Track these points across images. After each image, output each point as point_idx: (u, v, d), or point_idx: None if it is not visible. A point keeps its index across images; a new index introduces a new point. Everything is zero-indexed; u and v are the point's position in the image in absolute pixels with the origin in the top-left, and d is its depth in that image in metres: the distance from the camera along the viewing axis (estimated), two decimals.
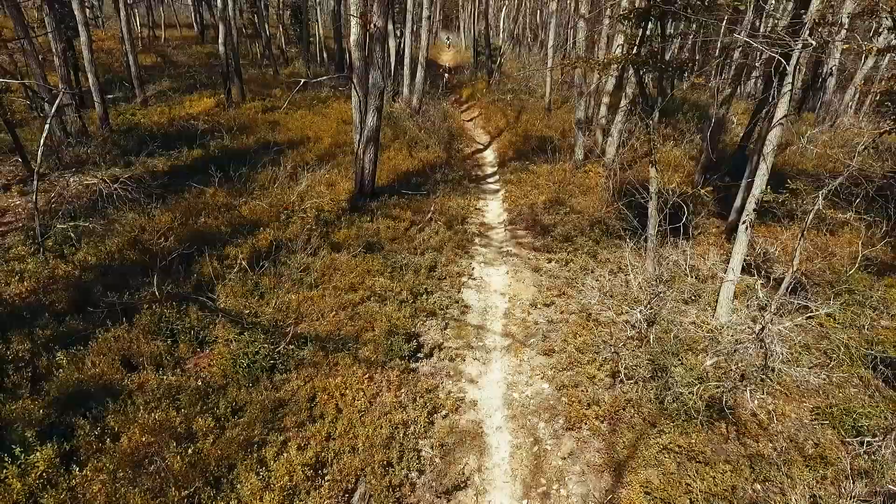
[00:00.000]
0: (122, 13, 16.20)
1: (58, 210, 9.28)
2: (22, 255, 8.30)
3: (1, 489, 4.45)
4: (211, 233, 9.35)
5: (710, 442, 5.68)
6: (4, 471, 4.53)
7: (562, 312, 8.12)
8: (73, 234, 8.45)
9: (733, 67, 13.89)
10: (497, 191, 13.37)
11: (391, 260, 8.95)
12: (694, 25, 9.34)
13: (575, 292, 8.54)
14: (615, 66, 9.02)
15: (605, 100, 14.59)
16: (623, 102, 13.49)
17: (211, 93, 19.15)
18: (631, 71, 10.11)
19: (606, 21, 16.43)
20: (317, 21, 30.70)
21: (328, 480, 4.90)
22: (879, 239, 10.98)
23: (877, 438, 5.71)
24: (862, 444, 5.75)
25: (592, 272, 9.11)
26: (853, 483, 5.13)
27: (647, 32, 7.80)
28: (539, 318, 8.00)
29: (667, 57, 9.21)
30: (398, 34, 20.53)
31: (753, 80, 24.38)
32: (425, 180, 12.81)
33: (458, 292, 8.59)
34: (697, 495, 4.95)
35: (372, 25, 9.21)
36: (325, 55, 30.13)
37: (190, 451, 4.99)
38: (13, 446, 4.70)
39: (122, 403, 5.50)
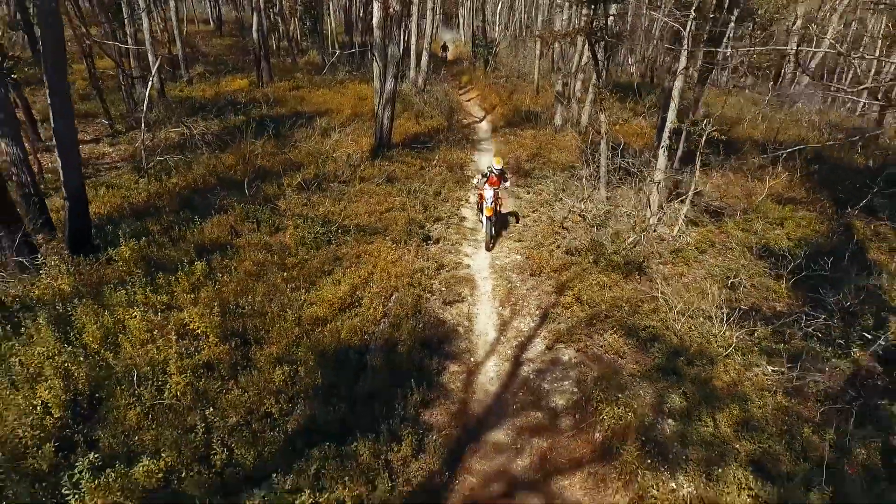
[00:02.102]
0: (173, 4, 19.01)
1: (153, 150, 12.12)
2: (132, 180, 11.14)
3: (176, 285, 7.25)
4: (266, 169, 12.18)
5: (624, 282, 8.50)
6: (178, 273, 7.35)
7: (534, 221, 10.94)
8: (171, 163, 11.28)
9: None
10: (489, 149, 16.18)
11: (407, 187, 11.78)
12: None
13: (545, 210, 11.37)
14: (572, 36, 11.80)
15: (581, 76, 17.42)
16: (594, 79, 16.31)
17: (242, 75, 22.03)
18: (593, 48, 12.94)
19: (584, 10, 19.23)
20: (329, 15, 33.49)
21: (374, 287, 7.73)
22: (794, 182, 13.90)
23: (737, 278, 8.54)
24: (727, 282, 8.58)
25: (560, 199, 11.93)
26: (713, 298, 7.96)
27: (596, 12, 10.61)
28: (517, 224, 10.83)
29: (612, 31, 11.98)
30: (405, 25, 23.37)
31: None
32: (430, 140, 15.62)
33: (457, 210, 11.42)
34: (608, 298, 7.76)
35: (391, 9, 12.03)
36: (336, 47, 32.94)
37: (285, 274, 7.82)
38: (181, 261, 7.52)
39: (235, 252, 8.33)
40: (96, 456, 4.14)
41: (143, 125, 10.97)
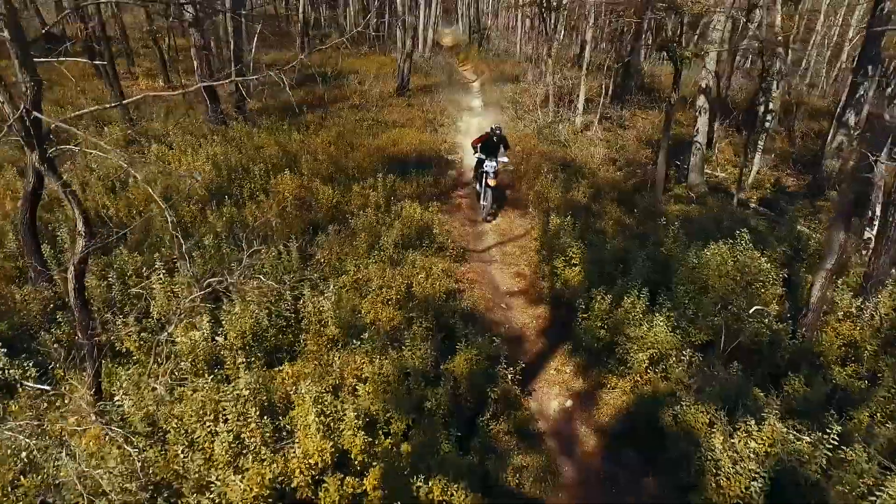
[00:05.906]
0: None
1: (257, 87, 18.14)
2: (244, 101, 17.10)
3: (302, 134, 13.18)
4: (326, 98, 18.15)
5: (553, 148, 14.47)
6: (294, 134, 13.29)
7: (505, 124, 16.93)
8: (266, 89, 17.26)
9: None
10: (479, 97, 22.21)
11: (421, 108, 17.78)
12: None
13: (513, 123, 17.40)
14: (528, 5, 17.78)
15: (547, 45, 23.39)
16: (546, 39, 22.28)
17: (285, 50, 28.04)
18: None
19: None
20: (349, 5, 39.55)
21: (408, 139, 13.70)
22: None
23: (619, 146, 14.54)
24: (613, 147, 14.56)
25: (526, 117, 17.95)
26: (599, 151, 13.94)
27: None
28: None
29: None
30: (415, 14, 29.37)
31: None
32: (436, 88, 21.62)
33: (454, 122, 17.45)
34: (539, 149, 13.74)
35: None
36: (354, 30, 38.89)
37: (356, 133, 13.79)
38: (300, 127, 13.53)
39: (326, 128, 14.29)
40: (311, 161, 10.14)
41: (251, 65, 16.94)
